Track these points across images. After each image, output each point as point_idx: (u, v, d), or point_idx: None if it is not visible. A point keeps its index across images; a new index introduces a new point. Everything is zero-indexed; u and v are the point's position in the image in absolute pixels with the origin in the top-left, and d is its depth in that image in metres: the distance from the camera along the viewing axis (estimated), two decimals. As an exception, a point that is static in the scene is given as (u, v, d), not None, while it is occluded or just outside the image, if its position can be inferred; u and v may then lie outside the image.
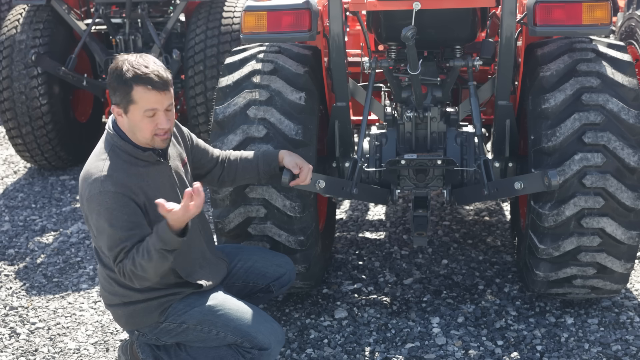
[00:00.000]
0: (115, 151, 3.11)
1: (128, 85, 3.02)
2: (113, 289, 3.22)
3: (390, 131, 4.12)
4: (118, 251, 3.01)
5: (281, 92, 3.75)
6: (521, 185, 3.61)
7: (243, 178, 3.58)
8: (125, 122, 3.11)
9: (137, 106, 3.05)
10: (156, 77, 3.03)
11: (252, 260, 3.58)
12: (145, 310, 3.21)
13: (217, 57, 6.04)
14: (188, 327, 3.22)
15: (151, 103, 3.05)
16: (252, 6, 3.84)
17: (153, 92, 3.03)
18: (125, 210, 3.01)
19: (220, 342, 3.24)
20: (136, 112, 3.06)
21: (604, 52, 3.76)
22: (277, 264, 3.61)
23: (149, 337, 3.30)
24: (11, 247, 5.12)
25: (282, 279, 3.62)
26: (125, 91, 3.03)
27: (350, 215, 5.37)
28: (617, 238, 3.61)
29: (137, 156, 3.12)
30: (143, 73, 3.02)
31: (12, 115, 6.19)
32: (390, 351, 3.80)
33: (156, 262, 2.97)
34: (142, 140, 3.12)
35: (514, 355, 3.74)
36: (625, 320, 3.99)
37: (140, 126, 3.08)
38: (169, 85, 3.09)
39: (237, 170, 3.55)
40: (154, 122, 3.08)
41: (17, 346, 3.97)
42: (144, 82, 3.02)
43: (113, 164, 3.07)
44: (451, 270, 4.54)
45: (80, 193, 3.12)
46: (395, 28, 3.88)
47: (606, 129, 3.54)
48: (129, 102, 3.05)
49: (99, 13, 6.33)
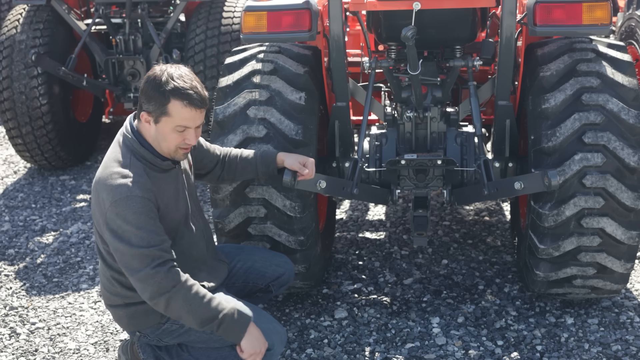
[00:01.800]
0: (135, 156, 3.07)
1: (165, 97, 2.98)
2: (115, 289, 3.21)
3: (390, 131, 4.12)
4: (149, 253, 2.96)
5: (281, 92, 3.76)
6: (521, 185, 3.61)
7: (242, 177, 3.60)
8: (152, 131, 3.06)
9: (170, 119, 3.01)
10: (196, 94, 3.00)
11: (252, 261, 3.57)
12: (147, 312, 3.19)
13: (217, 57, 6.04)
14: (190, 328, 3.20)
15: (185, 120, 3.01)
16: (252, 6, 3.84)
17: (189, 109, 2.99)
18: (151, 215, 3.00)
19: (222, 343, 3.22)
20: (167, 125, 3.02)
21: (604, 52, 3.77)
22: (277, 264, 3.61)
23: (150, 338, 3.29)
24: (11, 247, 5.12)
25: (281, 279, 3.62)
26: (161, 102, 2.99)
27: (350, 215, 5.37)
28: (617, 238, 3.61)
29: (155, 164, 3.11)
30: (183, 88, 2.98)
31: (12, 115, 6.19)
32: (390, 351, 3.80)
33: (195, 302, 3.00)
34: (165, 150, 3.10)
35: (514, 355, 3.74)
36: (625, 320, 3.99)
37: (167, 139, 3.05)
38: (205, 104, 3.05)
39: (236, 169, 3.55)
40: (183, 137, 3.05)
41: (17, 346, 3.97)
42: (183, 98, 2.98)
43: (137, 169, 3.04)
44: (451, 270, 4.54)
45: (100, 196, 3.03)
46: (395, 28, 3.88)
47: (606, 129, 3.54)
48: (163, 114, 3.00)
49: (99, 13, 6.33)
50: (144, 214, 2.96)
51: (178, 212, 3.19)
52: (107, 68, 6.42)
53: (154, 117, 3.02)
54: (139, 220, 2.95)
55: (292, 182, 3.48)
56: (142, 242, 2.95)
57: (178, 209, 3.19)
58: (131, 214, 2.95)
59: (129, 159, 3.06)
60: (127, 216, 2.95)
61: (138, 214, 2.96)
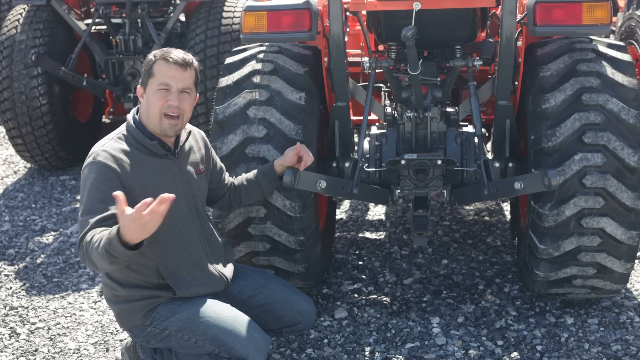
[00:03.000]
0: (125, 134, 3.19)
1: (151, 61, 3.16)
2: (105, 280, 3.25)
3: (390, 131, 4.12)
4: (82, 221, 2.98)
5: (281, 92, 3.76)
6: (521, 185, 3.61)
7: (247, 199, 3.61)
8: (145, 104, 3.18)
9: (154, 80, 3.14)
10: (177, 55, 3.16)
11: (273, 299, 3.44)
12: (130, 311, 3.22)
13: (217, 57, 6.04)
14: (170, 333, 3.19)
15: (167, 77, 3.13)
16: (252, 6, 3.84)
17: (171, 66, 3.13)
18: (106, 183, 3.01)
19: (199, 351, 3.19)
20: (153, 87, 3.14)
21: (604, 52, 3.77)
22: (297, 312, 3.47)
23: (140, 339, 3.30)
24: (11, 247, 5.12)
25: (295, 327, 3.50)
26: (147, 66, 3.16)
27: (350, 215, 5.37)
28: (617, 238, 3.61)
29: (143, 143, 3.16)
30: (167, 52, 3.17)
31: (12, 115, 6.19)
32: (390, 351, 3.80)
33: (97, 257, 2.82)
34: (153, 119, 3.15)
35: (514, 355, 3.74)
36: (625, 320, 3.99)
37: (152, 101, 3.14)
38: (188, 66, 3.17)
39: (241, 193, 3.58)
40: (165, 98, 3.13)
41: (17, 346, 3.97)
42: (164, 57, 3.15)
43: (116, 144, 3.14)
44: (451, 270, 4.54)
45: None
46: (395, 28, 3.88)
47: (606, 129, 3.54)
48: (149, 76, 3.15)
49: (99, 13, 6.33)
50: (97, 180, 3.02)
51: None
52: (107, 68, 6.42)
53: (144, 85, 3.17)
54: (92, 185, 3.02)
55: (292, 182, 3.48)
56: (84, 208, 3.01)
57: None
58: (91, 178, 3.04)
59: (114, 135, 3.20)
60: (87, 179, 3.05)
61: (93, 179, 3.03)
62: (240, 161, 3.70)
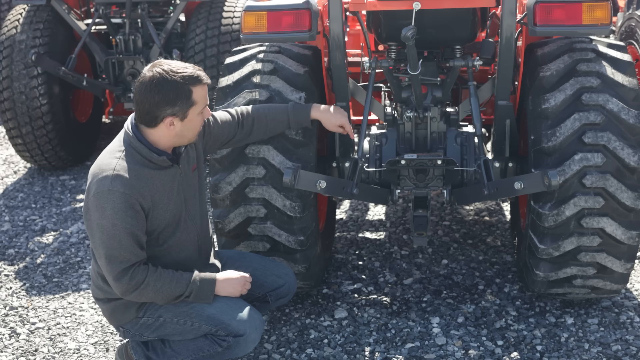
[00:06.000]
0: (129, 151, 3.10)
1: (187, 90, 3.06)
2: (99, 284, 3.26)
3: (390, 131, 4.12)
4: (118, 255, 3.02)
5: (281, 92, 3.76)
6: (521, 185, 3.61)
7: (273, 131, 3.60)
8: (177, 129, 3.11)
9: (197, 106, 3.11)
10: (199, 70, 3.12)
11: (251, 268, 3.52)
12: (125, 307, 3.24)
13: (217, 57, 6.04)
14: (165, 320, 3.23)
15: (205, 98, 3.15)
16: (252, 6, 3.84)
17: (205, 87, 3.13)
18: (129, 212, 3.01)
19: (196, 333, 3.24)
20: (194, 113, 3.11)
21: (604, 52, 3.76)
22: (277, 275, 3.58)
23: (132, 333, 3.33)
24: (11, 247, 5.12)
25: (279, 290, 3.58)
26: (186, 97, 3.06)
27: (350, 215, 5.37)
28: (617, 238, 3.61)
29: (150, 159, 3.12)
30: (192, 73, 3.08)
31: (12, 115, 6.19)
32: (390, 351, 3.80)
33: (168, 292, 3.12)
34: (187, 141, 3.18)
35: (514, 355, 3.74)
36: (625, 320, 3.99)
37: (195, 123, 3.13)
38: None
39: (267, 125, 3.56)
40: (203, 116, 3.16)
41: (17, 346, 3.97)
42: (198, 81, 3.08)
43: (125, 164, 3.06)
44: (451, 270, 4.54)
45: (88, 187, 3.10)
46: (395, 28, 3.88)
47: (606, 129, 3.54)
48: (190, 106, 3.08)
49: (99, 13, 6.33)
50: (121, 211, 2.99)
51: (168, 212, 3.19)
52: (107, 68, 6.42)
53: (182, 114, 3.08)
54: (115, 216, 2.99)
55: (292, 182, 3.49)
56: (113, 241, 3.00)
57: (169, 209, 3.19)
58: (109, 209, 2.99)
59: (121, 153, 3.10)
60: (105, 210, 3.00)
61: (115, 210, 2.99)
62: (240, 161, 3.70)
